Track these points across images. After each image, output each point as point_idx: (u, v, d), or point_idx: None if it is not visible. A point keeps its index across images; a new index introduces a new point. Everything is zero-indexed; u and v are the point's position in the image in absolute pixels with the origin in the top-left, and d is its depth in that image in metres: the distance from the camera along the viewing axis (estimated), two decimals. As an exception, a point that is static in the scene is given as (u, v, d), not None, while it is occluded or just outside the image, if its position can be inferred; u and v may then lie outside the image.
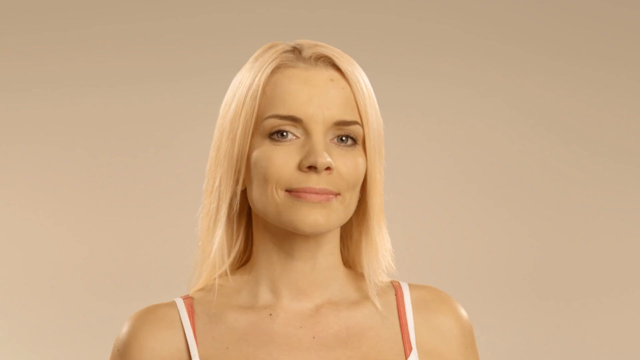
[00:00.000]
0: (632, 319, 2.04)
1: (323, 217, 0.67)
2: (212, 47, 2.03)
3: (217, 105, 0.78)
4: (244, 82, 0.69)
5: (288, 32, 2.19)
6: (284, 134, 0.67)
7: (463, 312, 0.80)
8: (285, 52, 0.70)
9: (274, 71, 0.68)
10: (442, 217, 2.08)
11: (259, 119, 0.67)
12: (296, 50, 0.71)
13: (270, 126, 0.67)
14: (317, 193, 0.67)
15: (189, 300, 0.70)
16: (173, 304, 0.70)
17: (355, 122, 0.70)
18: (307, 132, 0.68)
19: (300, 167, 0.67)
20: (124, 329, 0.70)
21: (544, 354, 2.03)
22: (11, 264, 1.96)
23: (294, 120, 0.67)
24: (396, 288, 0.75)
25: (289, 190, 0.67)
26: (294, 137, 0.67)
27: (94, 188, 1.98)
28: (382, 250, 0.73)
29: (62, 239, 1.99)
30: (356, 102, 0.70)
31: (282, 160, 0.67)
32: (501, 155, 2.09)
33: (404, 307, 0.74)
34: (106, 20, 2.02)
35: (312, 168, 0.66)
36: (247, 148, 0.67)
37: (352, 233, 0.74)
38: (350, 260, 0.75)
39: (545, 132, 2.08)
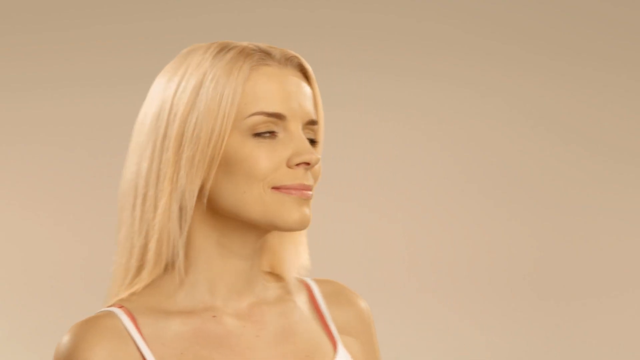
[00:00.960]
0: (632, 319, 2.04)
1: (309, 212, 0.70)
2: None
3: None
4: (213, 80, 0.67)
5: (288, 32, 2.19)
6: (269, 131, 0.68)
7: (366, 303, 0.82)
8: (253, 50, 0.70)
9: (246, 68, 0.69)
10: (442, 217, 2.08)
11: (240, 117, 0.67)
12: (261, 50, 0.71)
13: (254, 123, 0.67)
14: (306, 189, 0.69)
15: (125, 309, 0.68)
16: (112, 314, 0.67)
17: (317, 122, 0.72)
18: (287, 129, 0.69)
19: (289, 164, 0.68)
20: (69, 342, 0.67)
21: (544, 354, 2.03)
22: (11, 264, 1.96)
23: (279, 117, 0.68)
24: (304, 284, 0.78)
25: (276, 187, 0.67)
26: (276, 134, 0.68)
27: (94, 188, 1.98)
28: (301, 247, 0.76)
29: (62, 239, 1.99)
30: (315, 103, 0.73)
31: (269, 157, 0.67)
32: (501, 155, 2.09)
33: (317, 302, 0.76)
34: (106, 20, 2.02)
35: (302, 165, 0.68)
36: (224, 146, 0.67)
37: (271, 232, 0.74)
38: (265, 259, 0.76)
39: (545, 132, 2.08)
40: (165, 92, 0.69)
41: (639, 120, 2.09)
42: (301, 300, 0.75)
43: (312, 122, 0.71)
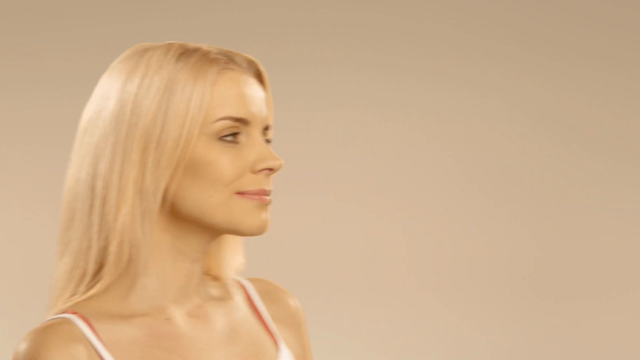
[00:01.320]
0: (632, 319, 2.04)
1: (268, 218, 0.70)
2: (212, 47, 2.03)
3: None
4: (180, 83, 0.67)
5: (288, 32, 2.19)
6: (235, 135, 0.68)
7: (297, 301, 0.83)
8: (217, 55, 0.70)
9: (212, 72, 0.69)
10: (442, 217, 2.08)
11: (207, 121, 0.67)
12: (225, 54, 0.71)
13: (222, 128, 0.67)
14: (267, 194, 0.69)
15: (79, 315, 0.67)
16: (68, 320, 0.66)
17: (270, 127, 0.73)
18: (249, 134, 0.69)
19: (253, 170, 0.68)
20: (27, 350, 0.66)
21: (544, 354, 2.03)
22: (11, 264, 1.96)
23: (243, 122, 0.68)
24: (239, 284, 0.78)
25: (240, 193, 0.68)
26: (239, 139, 0.69)
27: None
28: (239, 248, 0.76)
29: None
30: (269, 108, 0.73)
31: (234, 162, 0.67)
32: (501, 155, 2.09)
33: (253, 301, 0.77)
34: (106, 20, 2.02)
35: (265, 170, 0.69)
36: (190, 151, 0.67)
37: None
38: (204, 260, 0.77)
39: (545, 132, 2.08)
40: (125, 91, 0.68)
41: (639, 120, 2.09)
42: (240, 300, 0.76)
43: (268, 127, 0.72)
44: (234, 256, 0.76)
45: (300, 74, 2.07)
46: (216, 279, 0.75)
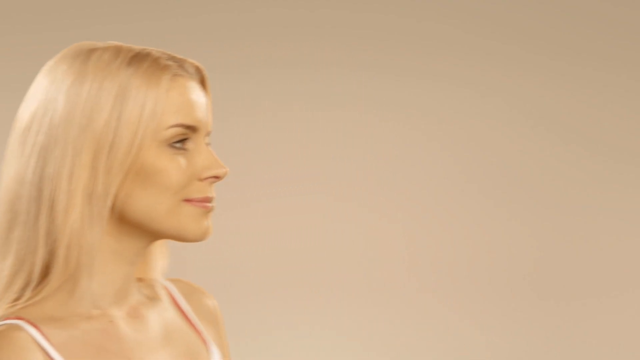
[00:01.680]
0: (632, 319, 2.04)
1: (211, 224, 0.71)
2: (212, 47, 2.03)
3: (219, 104, 0.78)
4: (133, 89, 0.67)
5: (288, 32, 2.19)
6: (183, 142, 0.68)
7: (214, 300, 0.84)
8: (168, 60, 0.70)
9: (165, 78, 0.68)
10: (442, 217, 2.08)
11: (159, 128, 0.67)
12: (174, 60, 0.71)
13: (173, 135, 0.67)
14: (210, 202, 0.70)
15: (26, 320, 0.65)
16: (17, 326, 0.65)
17: (210, 133, 0.73)
18: (196, 141, 0.69)
19: (200, 177, 0.69)
20: None
21: (544, 354, 2.03)
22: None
23: (193, 129, 0.69)
24: (161, 285, 0.78)
25: (188, 200, 0.68)
26: (187, 146, 0.69)
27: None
28: (164, 250, 0.77)
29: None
30: (210, 114, 0.73)
31: (184, 170, 0.68)
32: (501, 155, 2.09)
33: (177, 301, 0.77)
34: (106, 20, 2.02)
35: (212, 178, 0.69)
36: (142, 157, 0.67)
37: None
38: None
39: (545, 132, 2.08)
40: (74, 94, 0.67)
41: (639, 120, 2.09)
42: (166, 301, 0.76)
43: (209, 134, 0.72)
44: (161, 258, 0.77)
45: (300, 74, 2.07)
46: (141, 280, 0.76)
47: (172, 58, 0.70)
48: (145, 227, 0.69)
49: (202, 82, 0.72)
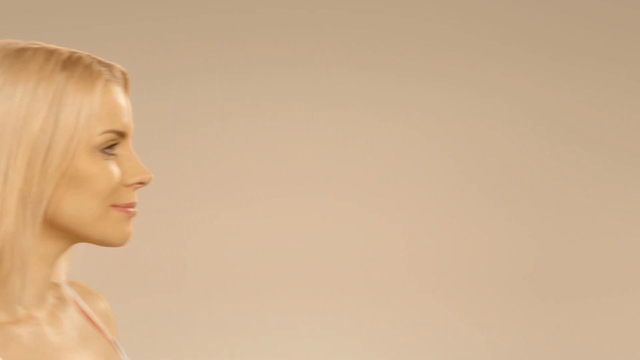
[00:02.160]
0: (632, 319, 2.04)
1: (132, 229, 0.71)
2: (212, 47, 2.03)
3: (219, 104, 0.78)
4: (68, 95, 0.66)
5: (288, 32, 2.19)
6: (112, 147, 0.69)
7: (106, 301, 0.84)
8: (99, 65, 0.69)
9: (99, 84, 0.68)
10: (442, 217, 2.08)
11: (92, 134, 0.67)
12: (104, 65, 0.70)
13: (105, 140, 0.68)
14: (134, 207, 0.71)
15: None
16: None
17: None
18: (125, 147, 0.70)
19: (126, 183, 0.69)
20: None
21: (544, 354, 2.03)
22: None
23: (122, 135, 0.69)
24: (60, 286, 0.78)
25: (115, 206, 0.69)
26: (117, 152, 0.69)
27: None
28: (68, 253, 0.76)
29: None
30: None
31: (114, 175, 0.68)
32: (501, 155, 2.09)
33: (78, 303, 0.78)
34: (106, 20, 2.02)
35: (137, 184, 0.70)
36: (75, 162, 0.67)
37: None
38: None
39: (545, 132, 2.08)
40: (4, 96, 0.66)
41: (639, 120, 2.09)
42: (71, 303, 0.76)
43: (131, 137, 0.72)
44: (65, 260, 0.77)
45: (300, 74, 2.07)
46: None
47: (102, 63, 0.70)
48: (73, 232, 0.69)
49: (125, 87, 0.72)
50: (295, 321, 1.98)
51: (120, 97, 0.70)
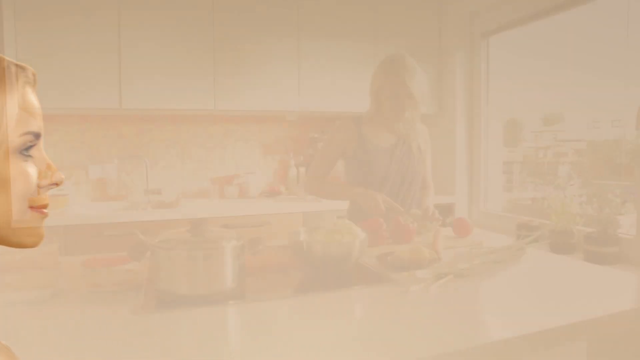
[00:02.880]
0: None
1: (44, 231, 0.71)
2: (212, 47, 2.03)
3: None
4: None
5: (288, 32, 2.18)
6: (29, 149, 0.68)
7: None
8: (16, 67, 0.68)
9: (19, 86, 0.68)
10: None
11: (13, 135, 0.66)
12: (20, 67, 0.69)
13: (24, 142, 0.68)
14: (47, 208, 0.70)
15: None
16: None
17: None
18: (38, 148, 0.69)
19: (42, 184, 0.69)
20: None
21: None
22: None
23: (38, 136, 0.69)
24: None
25: (32, 207, 0.68)
26: (32, 153, 0.69)
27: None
28: None
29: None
30: None
31: (32, 176, 0.68)
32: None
33: None
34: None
35: (52, 185, 0.70)
36: None
37: None
38: None
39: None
40: None
41: None
42: None
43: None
44: None
45: (300, 72, 2.07)
46: None
47: (17, 65, 0.69)
48: None
49: (34, 88, 0.72)
50: (295, 321, 1.98)
51: (35, 99, 0.69)
